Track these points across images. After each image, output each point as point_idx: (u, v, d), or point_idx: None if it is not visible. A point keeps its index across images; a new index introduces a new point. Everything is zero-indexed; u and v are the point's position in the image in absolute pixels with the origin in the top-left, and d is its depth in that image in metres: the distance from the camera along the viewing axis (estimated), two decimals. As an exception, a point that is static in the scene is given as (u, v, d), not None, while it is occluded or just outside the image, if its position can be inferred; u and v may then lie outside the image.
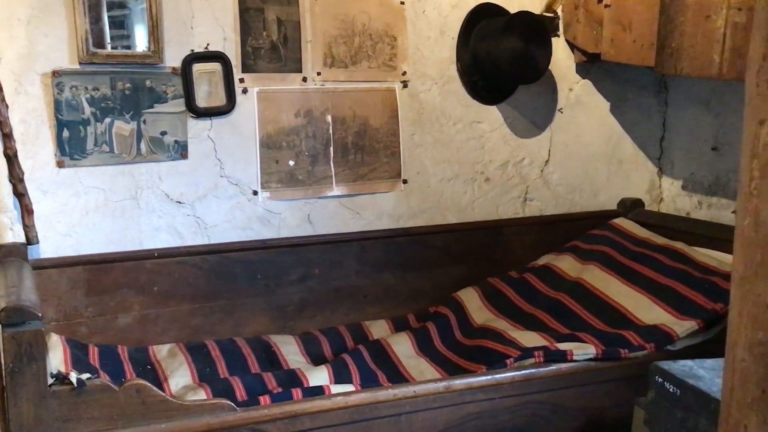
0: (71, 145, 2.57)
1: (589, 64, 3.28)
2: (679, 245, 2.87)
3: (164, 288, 2.72)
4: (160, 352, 2.64)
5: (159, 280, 2.71)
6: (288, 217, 2.91)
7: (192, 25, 2.67)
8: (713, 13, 2.56)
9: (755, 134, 0.99)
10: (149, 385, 1.97)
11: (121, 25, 2.61)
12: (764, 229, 0.98)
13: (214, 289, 2.78)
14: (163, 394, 2.00)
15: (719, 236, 2.89)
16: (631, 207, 3.32)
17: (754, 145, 0.99)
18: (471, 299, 2.97)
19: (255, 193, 2.84)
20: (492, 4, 3.13)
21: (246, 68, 2.77)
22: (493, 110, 3.20)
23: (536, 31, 3.02)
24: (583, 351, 2.37)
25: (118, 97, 2.60)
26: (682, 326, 2.44)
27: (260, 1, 2.76)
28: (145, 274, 2.69)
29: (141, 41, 2.61)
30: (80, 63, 2.54)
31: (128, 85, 2.61)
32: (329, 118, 2.92)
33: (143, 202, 2.70)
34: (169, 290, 2.72)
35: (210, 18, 2.69)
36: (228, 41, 2.73)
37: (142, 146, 2.66)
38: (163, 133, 2.68)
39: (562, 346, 2.41)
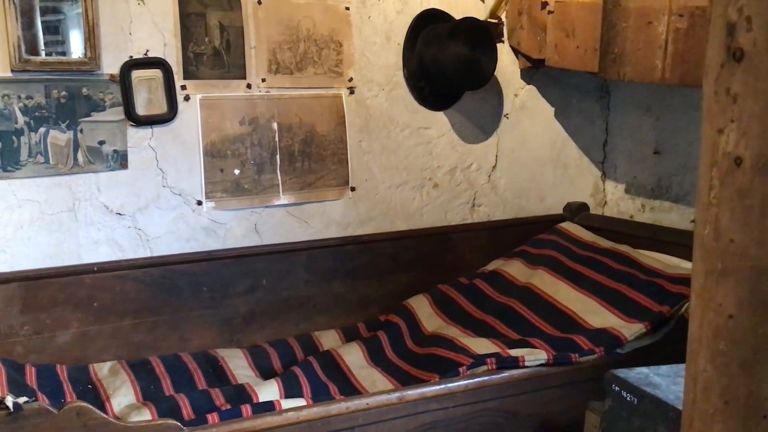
0: (4, 157, 2.45)
1: (534, 70, 3.30)
2: (624, 248, 2.91)
3: (104, 303, 2.61)
4: (101, 370, 2.53)
5: (99, 295, 2.60)
6: (234, 227, 2.83)
7: (130, 31, 2.57)
8: (654, 19, 2.60)
9: (714, 143, 0.99)
10: (90, 406, 1.88)
11: (55, 30, 2.50)
12: (724, 238, 0.98)
13: (157, 303, 2.69)
14: (105, 416, 1.91)
15: (663, 239, 2.95)
16: (576, 211, 3.35)
17: (713, 153, 0.99)
18: (421, 306, 2.94)
19: (199, 203, 2.76)
20: (437, 10, 3.12)
21: (188, 75, 2.69)
22: (440, 116, 3.19)
23: (481, 37, 3.02)
24: (535, 357, 2.37)
25: (53, 106, 2.49)
26: (630, 329, 2.46)
27: (201, 6, 2.68)
28: (84, 289, 2.59)
29: (77, 47, 2.50)
30: (12, 71, 2.42)
31: (64, 93, 2.50)
32: (275, 126, 2.87)
33: (81, 215, 2.59)
34: (110, 306, 2.62)
35: (149, 23, 2.60)
36: (168, 47, 2.64)
37: (79, 156, 2.55)
38: (102, 143, 2.58)
39: (514, 352, 2.41)
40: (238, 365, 2.64)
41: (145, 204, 2.68)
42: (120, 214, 2.65)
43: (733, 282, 0.97)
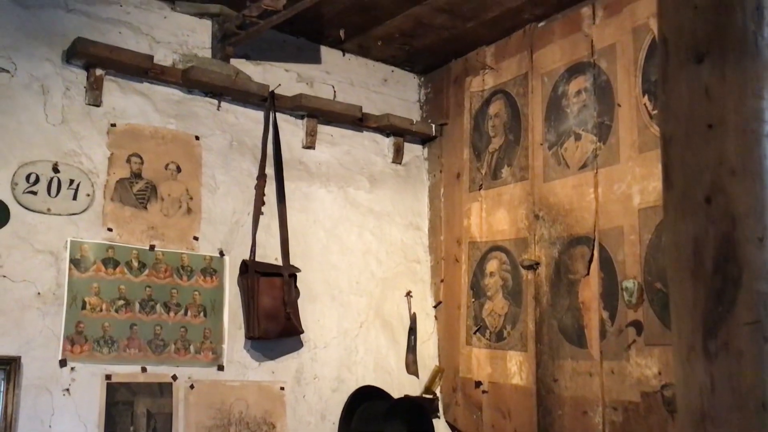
0: None
1: (472, 446, 3.23)
2: None
3: None
4: None
5: None
6: None
7: (50, 423, 2.41)
8: (589, 409, 2.63)
9: None
10: None
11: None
12: None
13: None
14: None
15: None
16: None
17: None
18: None
19: None
20: (372, 387, 3.11)
21: (107, 468, 2.49)
22: (376, 499, 3.00)
23: (418, 415, 2.99)
24: None
25: None
26: None
27: (130, 393, 2.58)
28: None
29: (-13, 445, 2.31)
30: None
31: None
32: None
33: None
34: None
35: (72, 414, 2.45)
36: (89, 440, 2.47)
37: None
38: None
39: None
40: None
41: None
42: None
43: None
